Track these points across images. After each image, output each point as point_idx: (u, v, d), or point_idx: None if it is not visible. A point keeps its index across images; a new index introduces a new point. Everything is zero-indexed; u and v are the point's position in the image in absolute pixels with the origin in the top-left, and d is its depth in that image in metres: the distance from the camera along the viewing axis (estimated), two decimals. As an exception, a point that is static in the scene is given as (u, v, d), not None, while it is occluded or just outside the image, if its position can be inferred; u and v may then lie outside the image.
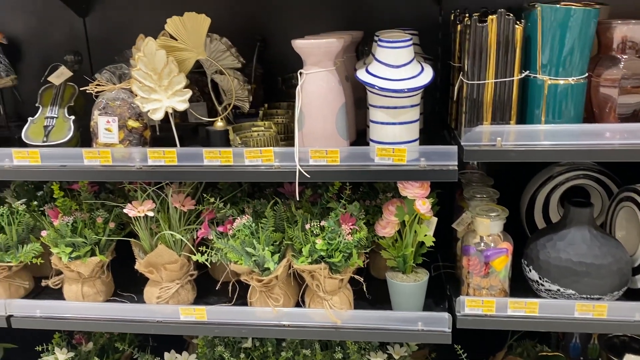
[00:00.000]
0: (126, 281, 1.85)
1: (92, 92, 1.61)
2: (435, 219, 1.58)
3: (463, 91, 1.49)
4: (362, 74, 1.47)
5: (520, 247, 1.66)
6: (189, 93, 1.57)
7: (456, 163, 1.44)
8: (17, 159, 1.57)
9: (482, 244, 1.57)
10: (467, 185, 1.76)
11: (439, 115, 1.96)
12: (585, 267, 1.50)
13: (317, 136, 1.52)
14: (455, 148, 1.44)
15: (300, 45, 1.47)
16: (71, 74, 1.75)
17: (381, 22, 1.94)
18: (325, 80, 1.49)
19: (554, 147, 1.41)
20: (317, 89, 1.49)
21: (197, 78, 1.96)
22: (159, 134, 1.81)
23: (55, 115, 1.67)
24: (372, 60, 1.49)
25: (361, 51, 1.90)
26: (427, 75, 1.45)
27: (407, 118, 1.47)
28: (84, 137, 1.72)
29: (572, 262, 1.52)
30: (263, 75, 2.04)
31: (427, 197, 1.51)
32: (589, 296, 1.53)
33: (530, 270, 1.60)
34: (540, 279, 1.57)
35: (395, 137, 1.47)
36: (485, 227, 1.56)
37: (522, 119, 1.49)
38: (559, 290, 1.54)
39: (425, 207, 1.49)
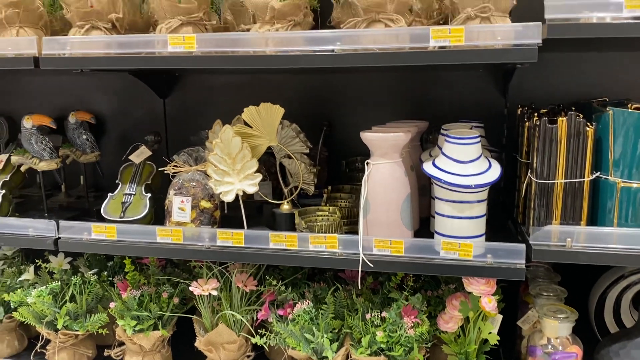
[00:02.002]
0: (184, 357, 1.87)
1: (169, 172, 1.70)
2: (500, 317, 1.54)
3: (531, 188, 1.48)
4: (429, 167, 1.49)
5: (591, 349, 1.58)
6: (259, 177, 1.64)
7: (524, 262, 1.42)
8: (95, 233, 1.66)
9: (550, 346, 1.50)
10: (532, 280, 1.72)
11: (503, 205, 1.95)
12: (663, 380, 1.41)
13: (381, 225, 1.53)
14: (523, 246, 1.42)
15: (369, 137, 1.52)
16: (150, 153, 1.87)
17: (446, 112, 1.99)
18: (391, 171, 1.53)
19: (627, 252, 1.36)
20: (383, 179, 1.52)
21: (265, 158, 2.04)
22: (226, 212, 1.88)
23: (133, 193, 1.78)
24: (439, 154, 1.52)
25: (425, 139, 1.94)
26: (495, 172, 1.46)
27: (474, 213, 1.47)
28: (157, 213, 1.80)
29: (649, 373, 1.43)
30: (327, 157, 2.11)
31: (493, 295, 1.48)
32: (668, 412, 1.43)
33: (602, 377, 1.52)
34: (613, 388, 1.48)
35: (462, 232, 1.47)
36: (553, 328, 1.50)
37: (593, 220, 1.46)
38: (634, 402, 1.45)
39: (491, 305, 1.46)
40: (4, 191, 1.83)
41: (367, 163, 1.54)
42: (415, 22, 1.67)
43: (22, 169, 1.85)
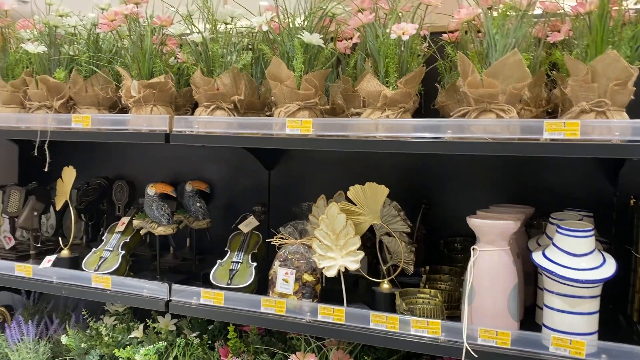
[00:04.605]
0: None
1: (275, 244, 1.78)
2: (615, 423, 1.44)
3: (650, 287, 1.41)
4: (539, 258, 1.47)
5: None
6: (361, 254, 1.68)
7: (643, 366, 1.34)
8: (204, 298, 1.75)
9: None
10: (648, 384, 1.60)
11: (612, 298, 1.85)
12: None
13: (486, 314, 1.51)
14: (642, 350, 1.34)
15: (476, 223, 1.53)
16: (257, 223, 1.97)
17: (550, 197, 1.95)
18: (498, 259, 1.51)
19: None
20: (490, 267, 1.51)
21: (361, 233, 2.08)
22: (324, 285, 1.92)
23: (240, 261, 1.87)
24: (550, 245, 1.49)
25: (529, 224, 1.90)
26: (610, 267, 1.41)
27: (586, 309, 1.42)
28: (259, 282, 1.87)
29: None
30: (425, 235, 2.12)
31: (607, 398, 1.39)
32: None
33: None
34: None
35: (573, 327, 1.42)
36: None
37: None
38: None
39: (606, 411, 1.37)
40: (123, 252, 1.99)
41: (474, 249, 1.54)
42: (524, 110, 1.69)
43: (142, 232, 2.00)
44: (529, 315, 1.68)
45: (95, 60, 1.99)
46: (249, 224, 1.94)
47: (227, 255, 1.90)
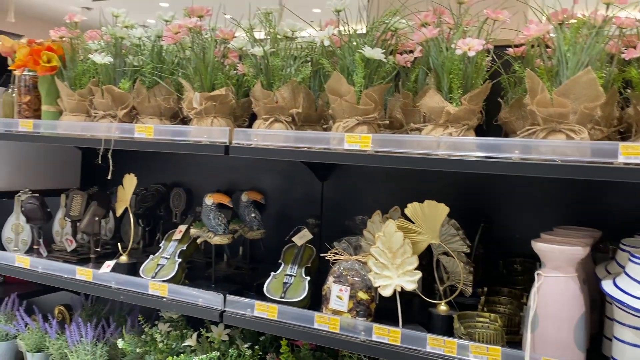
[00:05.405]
0: None
1: (330, 259, 1.76)
2: None
3: None
4: (609, 288, 1.39)
5: None
6: (419, 274, 1.64)
7: None
8: (258, 310, 1.75)
9: None
10: None
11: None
12: None
13: (549, 343, 1.44)
14: None
15: (543, 248, 1.46)
16: (312, 236, 1.96)
17: (618, 221, 1.85)
18: (565, 287, 1.45)
19: None
20: (556, 294, 1.44)
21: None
22: (377, 303, 1.88)
23: (294, 274, 1.86)
24: (621, 273, 1.42)
25: (595, 247, 1.81)
26: (690, 301, 1.32)
27: (662, 344, 1.33)
28: (311, 296, 1.85)
29: None
30: (483, 255, 2.05)
31: None
32: None
33: None
34: None
35: (645, 363, 1.34)
36: None
37: None
38: None
39: None
40: (180, 260, 2.02)
41: (538, 274, 1.47)
42: (594, 129, 1.61)
43: (198, 241, 2.03)
44: (595, 345, 1.60)
45: (158, 71, 2.03)
46: (303, 237, 1.94)
47: (281, 267, 1.90)
